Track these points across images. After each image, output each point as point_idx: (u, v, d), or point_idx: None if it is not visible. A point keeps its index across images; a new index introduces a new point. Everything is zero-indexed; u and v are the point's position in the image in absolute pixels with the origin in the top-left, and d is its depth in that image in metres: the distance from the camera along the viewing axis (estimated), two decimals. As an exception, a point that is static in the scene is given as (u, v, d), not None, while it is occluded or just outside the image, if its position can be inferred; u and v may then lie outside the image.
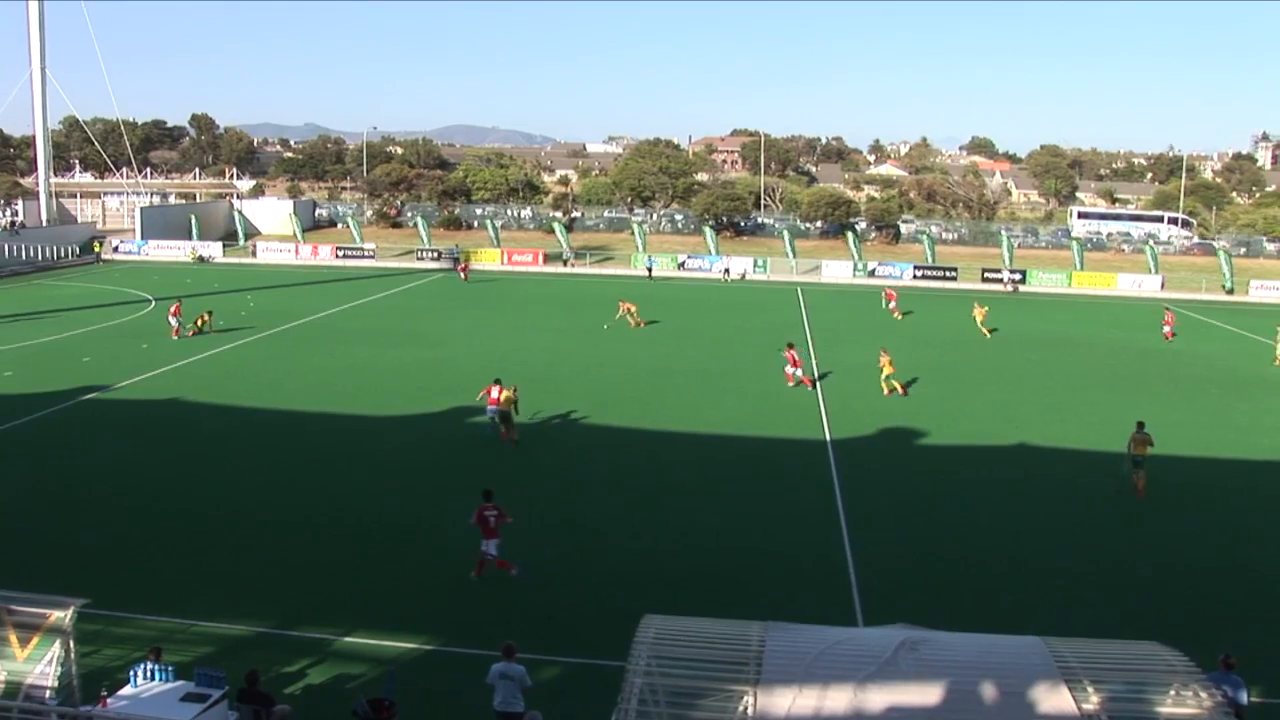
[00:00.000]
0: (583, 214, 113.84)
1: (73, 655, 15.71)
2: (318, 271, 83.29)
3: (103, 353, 47.04)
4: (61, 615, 15.84)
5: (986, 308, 60.61)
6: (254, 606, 21.16)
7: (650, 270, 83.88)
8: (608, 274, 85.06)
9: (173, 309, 52.81)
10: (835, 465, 31.50)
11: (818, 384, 42.63)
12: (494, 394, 33.70)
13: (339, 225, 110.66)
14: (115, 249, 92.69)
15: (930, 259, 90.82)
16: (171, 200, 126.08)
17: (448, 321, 57.65)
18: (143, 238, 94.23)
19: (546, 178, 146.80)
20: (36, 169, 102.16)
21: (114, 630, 19.63)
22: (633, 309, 57.70)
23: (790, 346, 44.03)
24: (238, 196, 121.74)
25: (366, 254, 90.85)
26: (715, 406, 38.50)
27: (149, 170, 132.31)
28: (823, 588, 22.72)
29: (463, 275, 79.23)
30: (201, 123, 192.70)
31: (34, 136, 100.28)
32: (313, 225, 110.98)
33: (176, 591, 21.72)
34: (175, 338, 50.53)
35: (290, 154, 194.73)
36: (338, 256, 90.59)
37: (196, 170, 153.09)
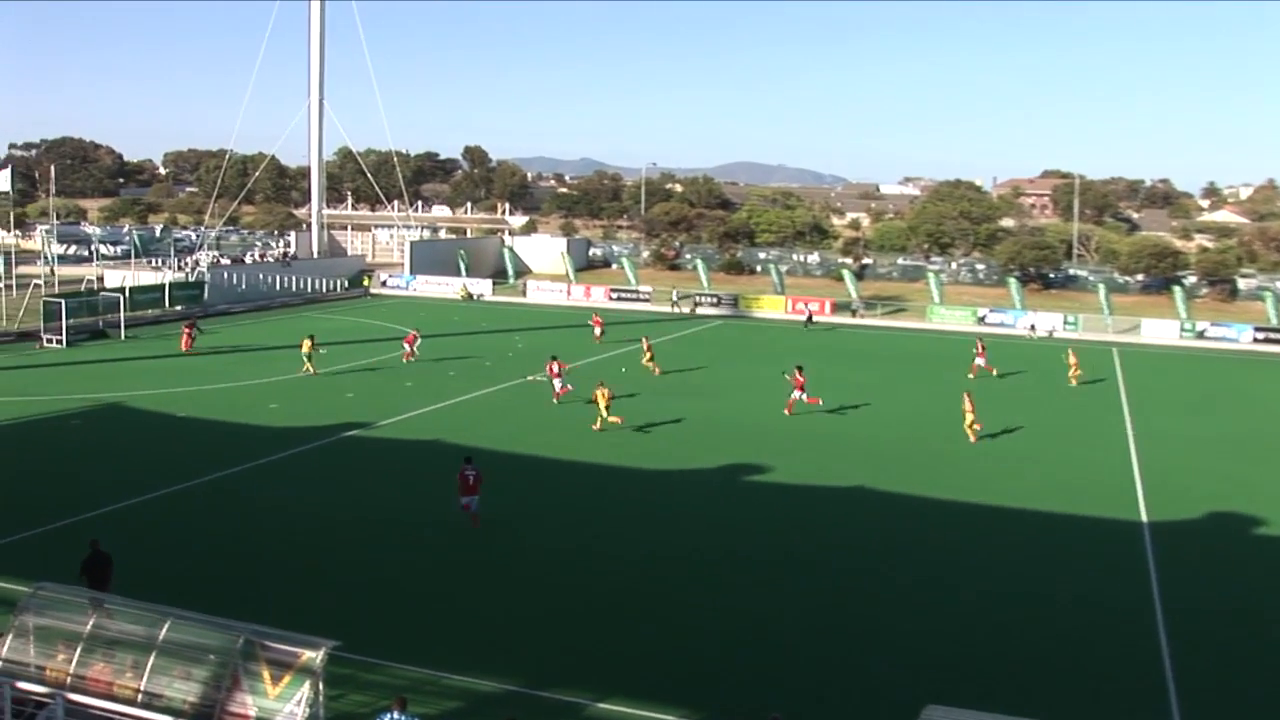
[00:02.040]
0: (874, 260, 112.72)
1: (321, 698, 16.47)
2: (589, 313, 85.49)
3: (367, 389, 49.78)
4: (313, 656, 16.64)
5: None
6: (506, 661, 21.69)
7: (810, 317, 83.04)
8: (900, 326, 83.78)
9: (409, 337, 58.68)
10: (1152, 553, 29.70)
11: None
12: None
13: (613, 266, 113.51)
14: (384, 283, 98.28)
15: (1275, 320, 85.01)
16: (442, 235, 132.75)
17: (722, 372, 58.04)
18: (411, 272, 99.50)
19: (836, 220, 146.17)
20: (310, 200, 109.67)
21: (363, 676, 20.50)
22: (649, 350, 57.70)
23: (799, 370, 47.05)
24: (509, 233, 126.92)
25: (641, 297, 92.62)
26: (1014, 477, 37.13)
27: (420, 203, 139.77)
28: (1133, 703, 21.34)
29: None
30: (474, 155, 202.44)
31: (309, 168, 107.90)
32: (586, 265, 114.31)
33: (428, 638, 22.51)
34: (406, 361, 56.66)
35: (564, 189, 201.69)
36: (611, 299, 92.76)
37: (468, 204, 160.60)
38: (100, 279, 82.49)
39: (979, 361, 59.39)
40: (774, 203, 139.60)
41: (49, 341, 61.14)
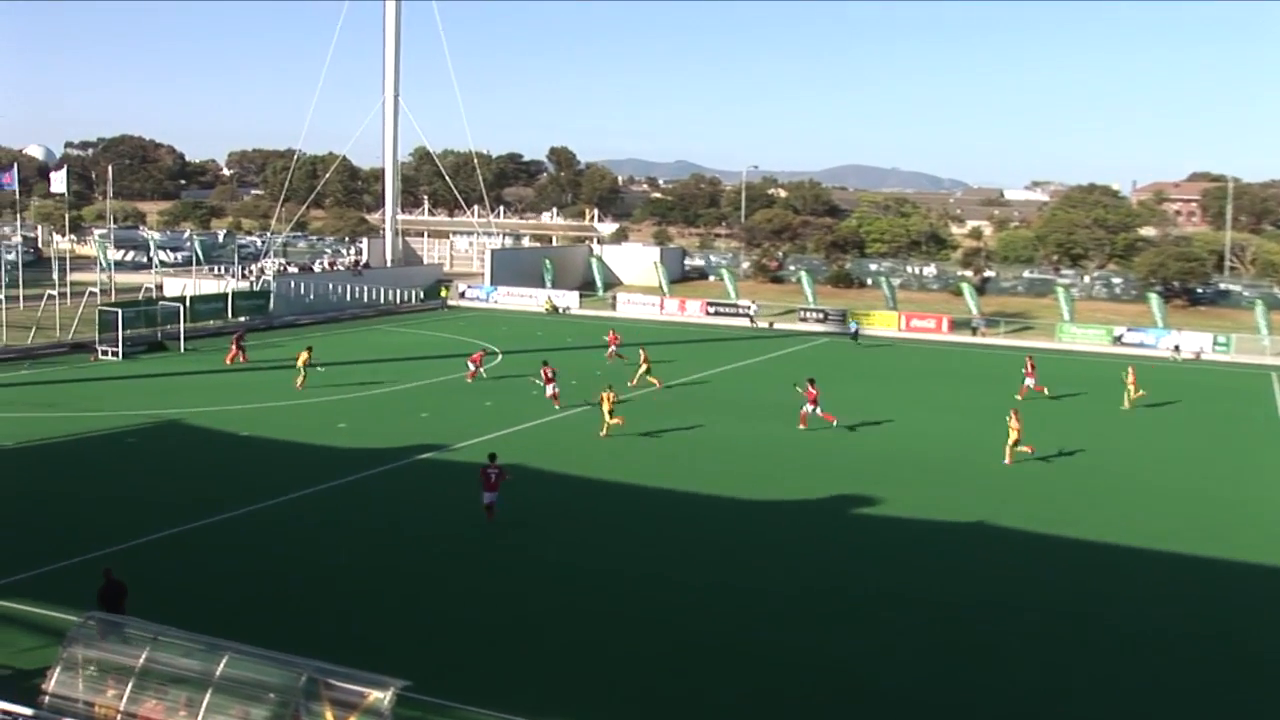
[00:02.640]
0: (997, 273, 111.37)
1: (387, 742, 16.53)
2: (684, 330, 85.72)
3: (442, 408, 50.23)
4: (381, 696, 16.75)
5: None
6: (590, 707, 21.65)
7: (856, 334, 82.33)
8: (1024, 346, 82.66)
9: (474, 356, 59.35)
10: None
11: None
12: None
13: (710, 277, 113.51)
14: (462, 294, 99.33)
15: None
16: (525, 242, 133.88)
17: (831, 394, 57.63)
18: (492, 283, 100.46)
19: (955, 229, 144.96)
20: (384, 205, 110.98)
21: (430, 719, 20.55)
22: (645, 363, 58.63)
23: (811, 383, 48.79)
24: (598, 241, 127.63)
25: (741, 312, 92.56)
26: (1152, 511, 36.38)
27: (502, 209, 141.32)
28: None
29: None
30: (561, 157, 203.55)
31: (383, 169, 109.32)
32: (680, 276, 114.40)
33: (504, 680, 22.53)
34: (470, 381, 57.38)
35: (658, 194, 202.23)
36: (708, 313, 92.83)
37: (553, 210, 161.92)
38: (159, 287, 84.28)
39: (1029, 382, 58.66)
40: (886, 209, 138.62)
41: (104, 354, 62.59)
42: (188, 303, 72.20)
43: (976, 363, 72.76)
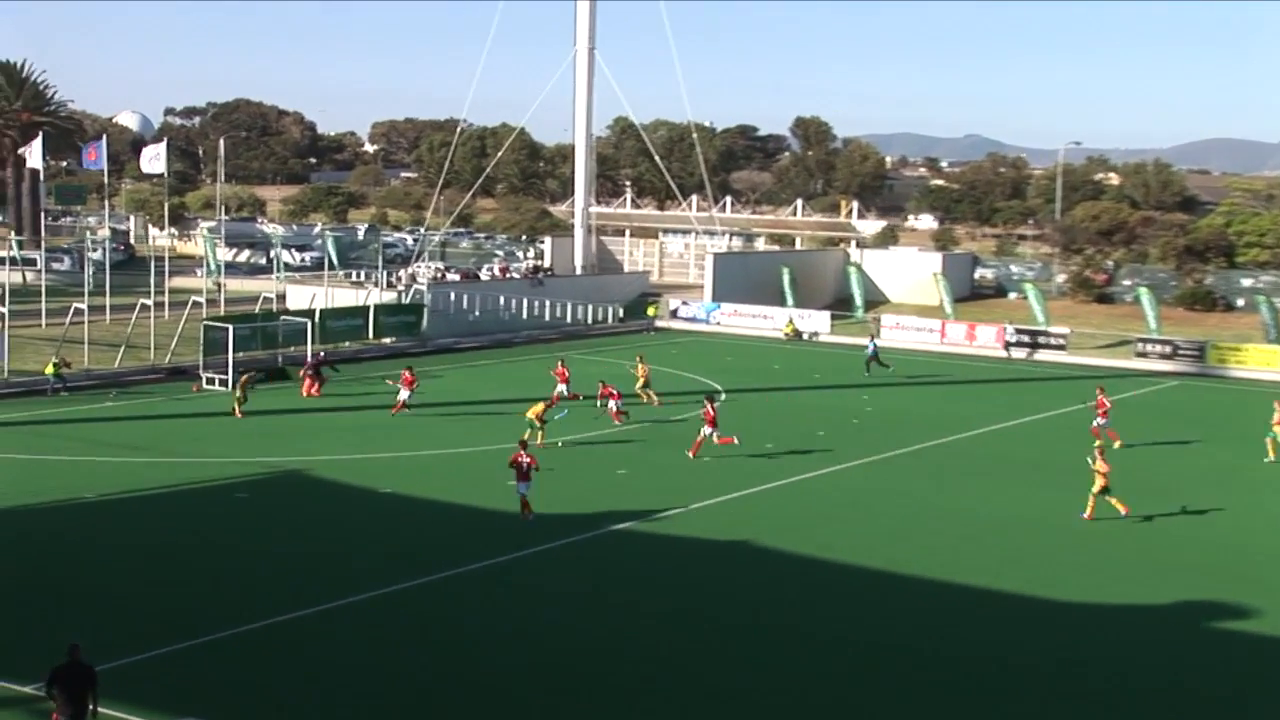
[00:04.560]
0: None
1: None
2: (973, 364, 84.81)
3: (646, 464, 50.89)
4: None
5: None
6: None
7: (874, 357, 78.01)
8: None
9: (406, 377, 59.33)
10: None
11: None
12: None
13: (1010, 295, 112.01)
14: (675, 312, 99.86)
15: None
16: (759, 245, 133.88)
17: (1180, 458, 56.46)
18: (714, 298, 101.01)
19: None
20: (574, 193, 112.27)
21: None
22: (643, 373, 63.42)
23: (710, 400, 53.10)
24: (857, 244, 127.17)
25: (1054, 342, 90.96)
26: None
27: (728, 200, 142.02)
28: None
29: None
30: (809, 131, 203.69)
31: (572, 146, 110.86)
32: (969, 292, 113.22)
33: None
34: (396, 414, 58.21)
35: (940, 181, 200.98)
36: (1006, 344, 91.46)
37: (798, 202, 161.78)
38: (281, 298, 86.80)
39: (1098, 421, 57.65)
40: (1269, 201, 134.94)
41: (209, 382, 64.80)
42: (317, 318, 74.32)
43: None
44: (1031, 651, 31.99)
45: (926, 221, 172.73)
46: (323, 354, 68.66)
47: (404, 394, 58.88)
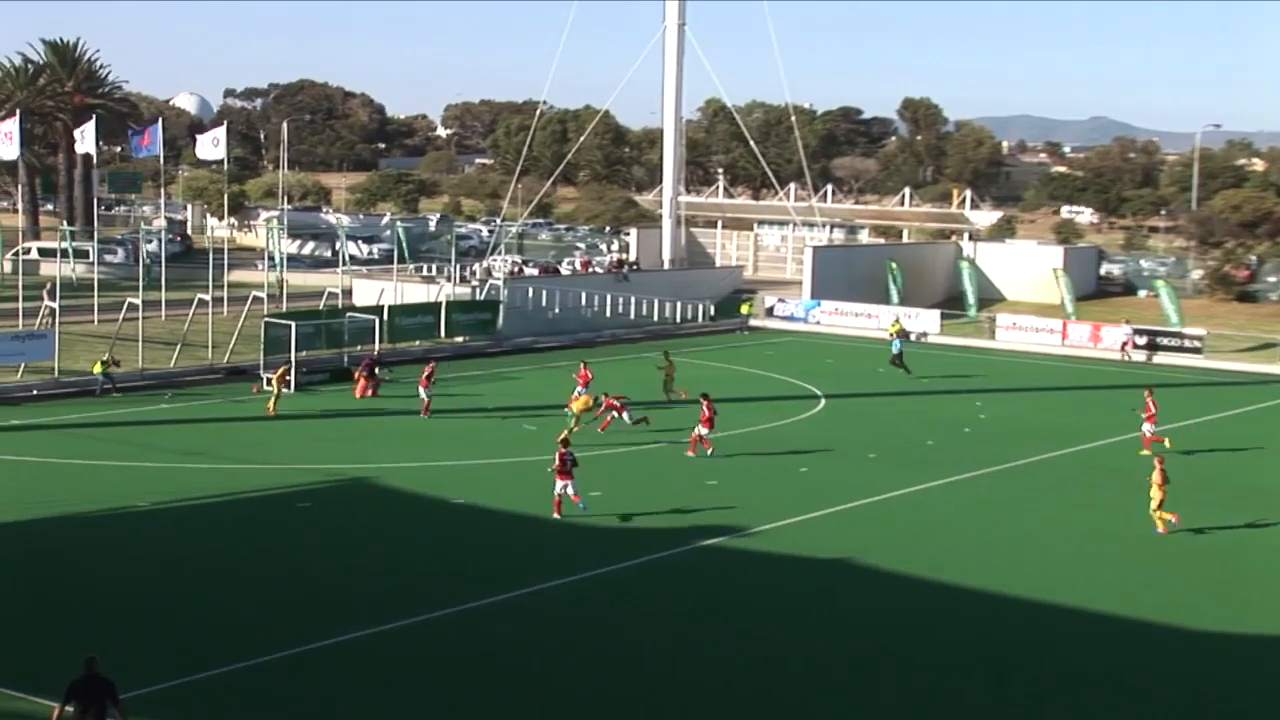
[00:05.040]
0: None
1: None
2: (1099, 369, 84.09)
3: (738, 474, 50.82)
4: None
5: None
6: None
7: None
8: None
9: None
10: None
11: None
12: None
13: (1140, 293, 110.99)
14: (771, 310, 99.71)
15: None
16: (862, 238, 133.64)
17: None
18: (813, 295, 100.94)
19: None
20: (661, 180, 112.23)
21: None
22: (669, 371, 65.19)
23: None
24: (969, 236, 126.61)
25: (1187, 345, 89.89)
26: None
27: (829, 188, 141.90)
28: None
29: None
30: (918, 114, 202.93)
31: (660, 131, 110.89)
32: (1094, 290, 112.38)
33: None
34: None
35: (1062, 168, 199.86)
36: (1132, 347, 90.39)
37: (905, 191, 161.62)
38: (347, 293, 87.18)
39: (1146, 429, 57.37)
40: None
41: (270, 382, 65.15)
42: (385, 315, 74.74)
43: None
44: (1172, 682, 31.87)
45: (1046, 213, 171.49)
46: (377, 353, 68.74)
47: (422, 393, 59.73)
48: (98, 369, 62.29)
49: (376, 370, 65.49)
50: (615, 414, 57.28)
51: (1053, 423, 63.74)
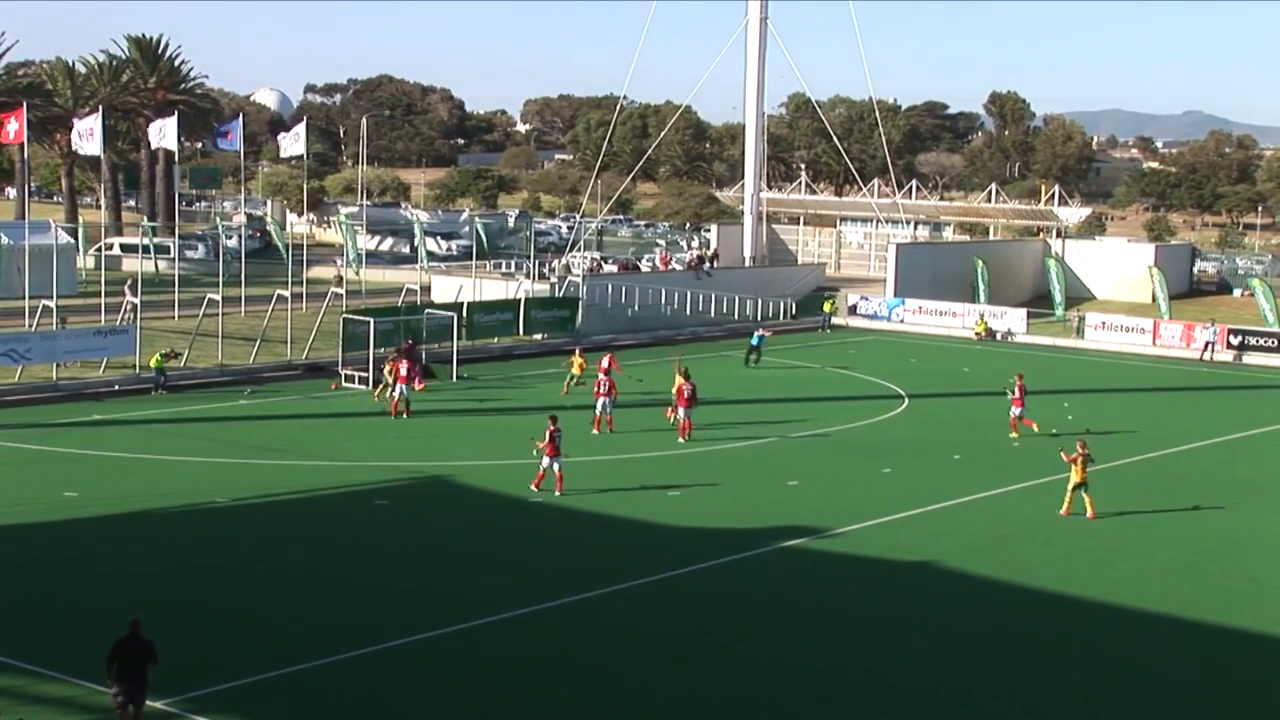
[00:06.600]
0: None
1: None
2: (1192, 370, 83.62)
3: (818, 474, 50.86)
4: None
5: None
6: None
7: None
8: None
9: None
10: None
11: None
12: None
13: (1236, 292, 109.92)
14: (853, 308, 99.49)
15: None
16: (947, 235, 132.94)
17: None
18: (897, 293, 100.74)
19: None
20: (743, 176, 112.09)
21: None
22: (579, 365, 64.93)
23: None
24: (1058, 234, 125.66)
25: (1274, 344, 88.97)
26: None
27: (914, 185, 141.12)
28: None
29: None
30: (1005, 108, 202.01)
31: (742, 126, 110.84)
32: (1188, 289, 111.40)
33: None
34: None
35: (1154, 164, 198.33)
36: (1230, 346, 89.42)
37: (992, 187, 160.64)
38: (426, 289, 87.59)
39: (1014, 411, 58.99)
40: None
41: (349, 380, 65.54)
42: (463, 312, 74.95)
43: None
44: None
45: (1138, 210, 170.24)
46: (412, 340, 68.00)
47: (398, 390, 59.16)
48: (155, 362, 62.15)
49: (415, 357, 64.22)
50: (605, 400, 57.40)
51: (1143, 424, 63.26)
